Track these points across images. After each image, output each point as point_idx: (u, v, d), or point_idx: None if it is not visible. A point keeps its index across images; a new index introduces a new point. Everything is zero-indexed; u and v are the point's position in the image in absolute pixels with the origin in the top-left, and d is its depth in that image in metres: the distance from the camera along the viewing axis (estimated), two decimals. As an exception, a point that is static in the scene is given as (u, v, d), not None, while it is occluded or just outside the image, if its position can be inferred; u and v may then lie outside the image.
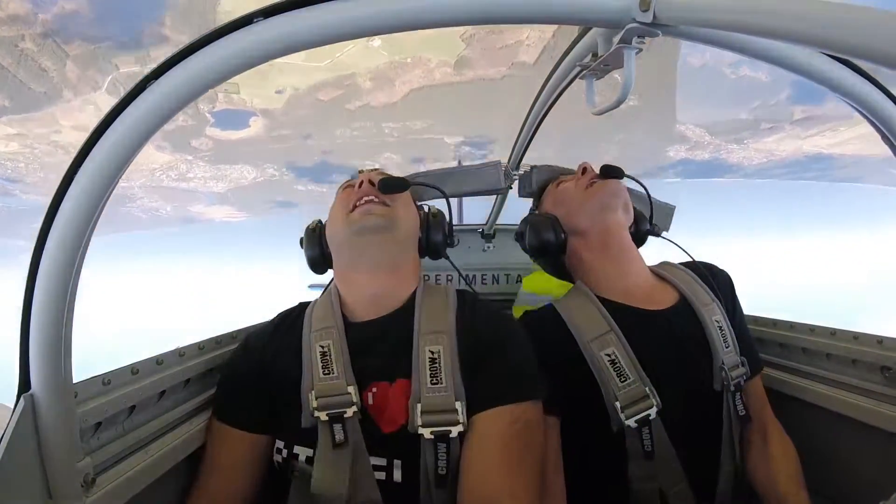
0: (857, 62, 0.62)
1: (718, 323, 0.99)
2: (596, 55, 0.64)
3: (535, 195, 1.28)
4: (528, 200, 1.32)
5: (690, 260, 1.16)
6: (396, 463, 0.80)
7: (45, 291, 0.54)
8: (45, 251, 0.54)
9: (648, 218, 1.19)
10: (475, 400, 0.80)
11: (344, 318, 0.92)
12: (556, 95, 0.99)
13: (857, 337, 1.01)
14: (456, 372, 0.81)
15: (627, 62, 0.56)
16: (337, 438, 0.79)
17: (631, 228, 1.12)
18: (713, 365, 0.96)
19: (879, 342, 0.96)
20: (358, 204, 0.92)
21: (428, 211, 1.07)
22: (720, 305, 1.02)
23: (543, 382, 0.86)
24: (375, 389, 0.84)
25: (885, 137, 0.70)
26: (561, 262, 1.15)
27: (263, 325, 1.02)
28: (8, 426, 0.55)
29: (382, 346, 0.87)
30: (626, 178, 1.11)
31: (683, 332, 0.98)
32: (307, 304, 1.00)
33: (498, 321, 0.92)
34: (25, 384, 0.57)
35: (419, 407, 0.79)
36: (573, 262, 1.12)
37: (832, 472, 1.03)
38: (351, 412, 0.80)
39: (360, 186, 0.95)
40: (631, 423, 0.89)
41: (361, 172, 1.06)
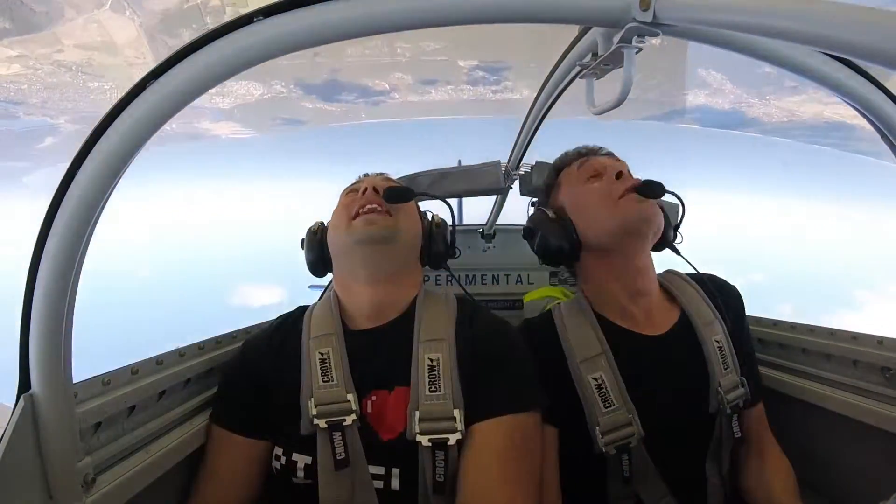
0: (857, 62, 0.62)
1: (719, 343, 0.96)
2: (596, 55, 0.64)
3: (541, 191, 1.17)
4: (527, 200, 1.31)
5: (696, 273, 1.10)
6: (394, 471, 0.80)
7: (45, 291, 0.54)
8: (45, 251, 0.54)
9: (674, 227, 1.08)
10: (474, 409, 0.80)
11: (343, 324, 0.91)
12: (556, 95, 0.99)
13: (856, 337, 1.01)
14: (455, 380, 0.81)
15: (627, 62, 0.56)
16: (338, 454, 0.78)
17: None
18: (710, 388, 0.93)
19: (880, 342, 0.96)
20: (361, 212, 0.90)
21: (431, 220, 1.05)
22: (723, 323, 0.99)
23: (543, 393, 0.86)
24: (375, 397, 0.83)
25: (884, 137, 0.70)
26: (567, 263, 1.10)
27: (263, 328, 1.02)
28: (8, 426, 0.55)
29: (382, 353, 0.87)
30: (666, 193, 0.97)
31: (680, 358, 0.95)
32: (306, 308, 1.00)
33: (498, 330, 0.92)
34: (25, 384, 0.57)
35: (417, 414, 0.78)
36: (581, 270, 1.07)
37: (832, 472, 1.03)
38: (350, 420, 0.80)
39: (363, 193, 0.93)
40: (610, 449, 0.88)
41: (366, 176, 1.05)
